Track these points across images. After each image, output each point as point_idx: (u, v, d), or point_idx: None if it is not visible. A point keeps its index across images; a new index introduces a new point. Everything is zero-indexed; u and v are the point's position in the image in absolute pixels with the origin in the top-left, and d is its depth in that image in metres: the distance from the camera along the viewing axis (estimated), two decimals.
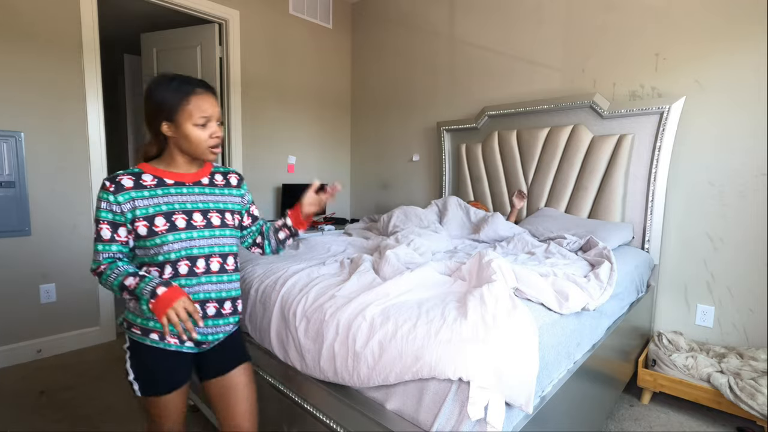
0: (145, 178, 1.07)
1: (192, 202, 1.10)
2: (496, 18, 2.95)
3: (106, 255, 1.04)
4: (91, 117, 2.58)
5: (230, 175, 1.24)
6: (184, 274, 1.07)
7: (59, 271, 2.53)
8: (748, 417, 1.76)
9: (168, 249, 1.04)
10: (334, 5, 3.89)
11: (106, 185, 1.02)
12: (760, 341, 2.04)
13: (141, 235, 1.04)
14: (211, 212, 1.12)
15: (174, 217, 1.06)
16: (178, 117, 1.04)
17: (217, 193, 1.17)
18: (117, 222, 1.03)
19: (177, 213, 1.06)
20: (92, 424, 1.84)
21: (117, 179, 1.04)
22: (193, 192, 1.12)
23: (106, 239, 1.04)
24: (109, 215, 1.02)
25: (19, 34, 2.31)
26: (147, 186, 1.06)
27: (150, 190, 1.06)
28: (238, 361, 1.19)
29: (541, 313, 1.21)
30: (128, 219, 1.03)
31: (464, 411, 0.87)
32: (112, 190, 1.02)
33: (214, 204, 1.14)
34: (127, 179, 1.05)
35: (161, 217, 1.04)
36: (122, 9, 3.36)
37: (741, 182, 2.06)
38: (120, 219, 1.03)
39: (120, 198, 1.02)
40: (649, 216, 2.28)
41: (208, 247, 1.10)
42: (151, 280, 1.00)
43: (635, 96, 2.35)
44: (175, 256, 1.05)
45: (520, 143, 2.75)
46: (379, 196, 3.95)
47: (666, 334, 2.16)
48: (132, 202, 1.03)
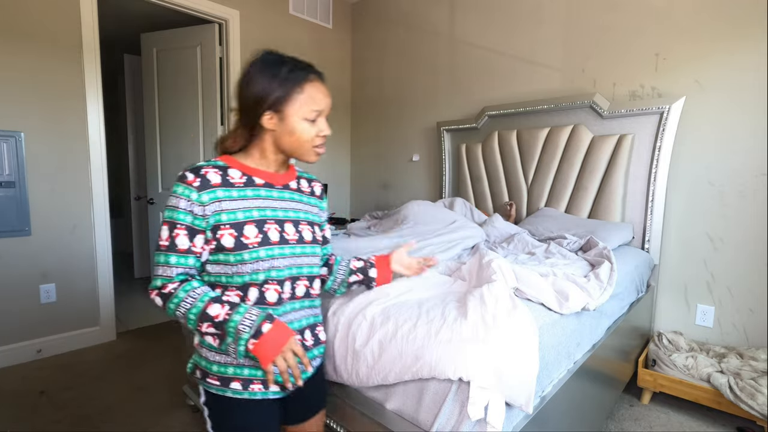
0: (232, 175, 0.87)
1: (284, 210, 0.91)
2: (497, 18, 2.95)
3: (180, 270, 0.82)
4: (91, 117, 2.58)
5: (314, 183, 1.04)
6: (272, 302, 0.87)
7: (59, 271, 2.53)
8: (748, 417, 1.76)
9: (255, 268, 0.84)
10: (334, 5, 3.89)
11: (189, 178, 0.82)
12: (760, 341, 2.04)
13: (225, 246, 0.82)
14: (303, 224, 0.94)
15: (266, 227, 0.86)
16: (287, 108, 0.85)
17: (304, 201, 0.98)
18: (196, 227, 0.82)
19: (269, 222, 0.87)
20: (92, 424, 1.84)
21: (202, 171, 0.84)
22: (284, 197, 0.92)
23: (182, 249, 0.81)
24: (188, 218, 0.81)
25: (20, 34, 2.31)
26: (235, 184, 0.86)
27: (239, 190, 0.86)
28: (318, 406, 1.04)
29: (541, 313, 1.21)
30: (210, 225, 0.82)
31: (464, 411, 0.87)
32: (197, 186, 0.82)
33: (305, 214, 0.96)
34: (213, 173, 0.85)
35: (252, 226, 0.84)
36: (122, 9, 3.36)
37: (741, 182, 2.06)
38: (200, 224, 0.82)
39: (205, 197, 0.82)
40: (649, 216, 2.28)
41: (297, 267, 0.91)
42: (246, 310, 0.80)
43: (635, 96, 2.35)
44: (264, 277, 0.85)
45: (520, 143, 2.75)
46: (379, 196, 3.95)
47: (666, 334, 2.16)
48: (218, 204, 0.83)
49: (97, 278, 2.68)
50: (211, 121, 3.23)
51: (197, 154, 3.30)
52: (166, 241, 0.82)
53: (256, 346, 0.77)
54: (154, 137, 3.46)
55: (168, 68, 3.34)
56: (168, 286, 0.82)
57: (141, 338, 2.80)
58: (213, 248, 0.84)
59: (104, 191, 2.68)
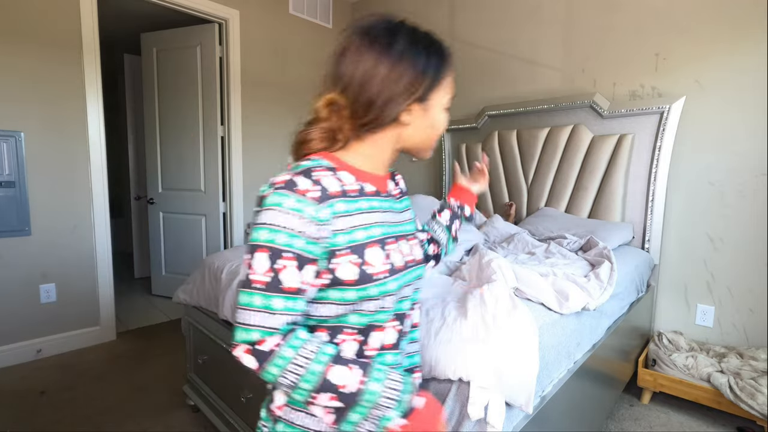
0: (345, 180, 0.64)
1: (396, 224, 0.70)
2: (497, 18, 2.95)
3: (288, 319, 0.57)
4: (91, 117, 2.58)
5: (397, 177, 0.82)
6: (389, 345, 0.67)
7: (59, 271, 2.53)
8: (748, 417, 1.76)
9: (381, 305, 0.63)
10: (334, 5, 3.89)
11: (301, 185, 0.57)
12: (760, 341, 2.03)
13: (343, 280, 0.60)
14: (413, 240, 0.73)
15: (388, 250, 0.65)
16: (433, 97, 0.68)
17: (403, 210, 0.76)
18: (307, 256, 0.57)
19: (390, 241, 0.66)
20: (92, 424, 1.84)
21: (314, 176, 0.60)
22: (393, 208, 0.72)
23: (290, 288, 0.56)
24: (299, 243, 0.56)
25: (20, 35, 2.31)
26: (349, 194, 0.63)
27: (353, 201, 0.63)
28: None
29: (541, 313, 1.21)
30: (326, 251, 0.59)
31: (464, 411, 0.87)
32: (316, 197, 0.58)
33: (411, 226, 0.76)
34: (330, 178, 0.61)
35: (377, 249, 0.63)
36: (122, 9, 3.36)
37: (741, 182, 2.06)
38: (314, 251, 0.58)
39: (324, 212, 0.58)
40: (649, 216, 2.28)
41: (414, 293, 0.74)
42: (385, 375, 0.59)
43: (635, 96, 2.35)
44: (386, 317, 0.65)
45: (520, 143, 2.75)
46: None
47: (666, 334, 2.16)
48: (335, 221, 0.59)
49: (97, 278, 2.68)
50: (211, 121, 3.23)
51: (197, 154, 3.30)
52: (266, 275, 0.56)
53: (406, 428, 0.57)
54: (154, 137, 3.46)
55: (168, 68, 3.34)
56: (268, 341, 0.56)
57: (141, 338, 2.80)
58: (326, 283, 0.60)
59: (104, 191, 2.68)
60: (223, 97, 3.23)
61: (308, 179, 0.59)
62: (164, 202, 3.50)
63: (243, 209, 3.41)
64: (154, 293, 3.68)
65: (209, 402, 1.77)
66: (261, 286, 0.56)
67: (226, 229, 3.39)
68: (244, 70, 3.28)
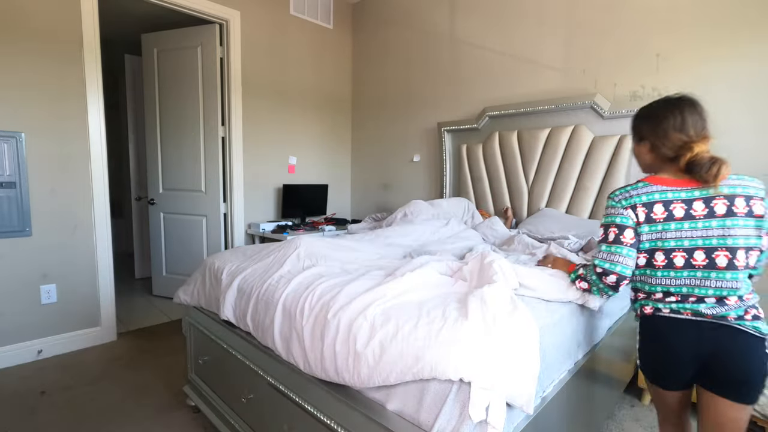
0: None
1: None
2: (497, 18, 2.95)
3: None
4: (92, 117, 2.58)
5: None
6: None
7: (60, 271, 2.53)
8: None
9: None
10: (335, 6, 3.89)
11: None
12: None
13: None
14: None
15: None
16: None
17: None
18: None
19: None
20: (92, 424, 1.84)
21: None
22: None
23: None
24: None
25: (20, 35, 2.31)
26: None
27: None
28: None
29: (542, 314, 1.21)
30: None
31: (465, 412, 0.87)
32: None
33: None
34: None
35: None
36: (123, 9, 3.36)
37: None
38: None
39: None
40: None
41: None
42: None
43: (636, 96, 2.35)
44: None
45: (521, 144, 2.75)
46: (380, 197, 3.96)
47: None
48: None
49: (97, 279, 2.68)
50: (212, 121, 3.23)
51: (198, 154, 3.30)
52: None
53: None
54: (154, 138, 3.47)
55: (169, 68, 3.35)
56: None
57: (142, 339, 2.80)
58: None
59: (105, 192, 2.69)
60: (223, 97, 3.24)
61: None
62: (165, 202, 3.50)
63: (243, 210, 3.41)
64: (155, 294, 3.68)
65: (210, 402, 1.77)
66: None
67: (227, 230, 3.39)
68: (245, 71, 3.29)
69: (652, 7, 2.26)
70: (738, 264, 1.03)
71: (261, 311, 1.45)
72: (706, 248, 1.05)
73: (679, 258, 1.08)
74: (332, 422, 1.16)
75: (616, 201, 1.16)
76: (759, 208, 1.04)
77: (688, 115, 1.14)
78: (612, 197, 1.18)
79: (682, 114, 1.14)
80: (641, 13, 2.30)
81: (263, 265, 1.65)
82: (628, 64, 2.37)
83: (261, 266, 1.64)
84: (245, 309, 1.52)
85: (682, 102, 1.17)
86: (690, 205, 1.07)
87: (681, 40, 2.18)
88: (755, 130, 2.01)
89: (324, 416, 1.18)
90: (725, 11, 2.05)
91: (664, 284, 1.11)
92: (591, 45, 2.51)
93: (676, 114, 1.15)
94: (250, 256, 1.80)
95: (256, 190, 3.49)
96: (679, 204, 1.08)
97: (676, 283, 1.09)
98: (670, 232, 1.08)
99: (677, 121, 1.14)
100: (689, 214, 1.07)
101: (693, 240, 1.06)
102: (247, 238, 3.46)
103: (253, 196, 3.47)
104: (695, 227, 1.06)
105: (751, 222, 1.04)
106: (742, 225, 1.04)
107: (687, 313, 1.09)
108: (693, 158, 1.07)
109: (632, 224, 1.12)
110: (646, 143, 1.20)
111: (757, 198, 1.05)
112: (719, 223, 1.05)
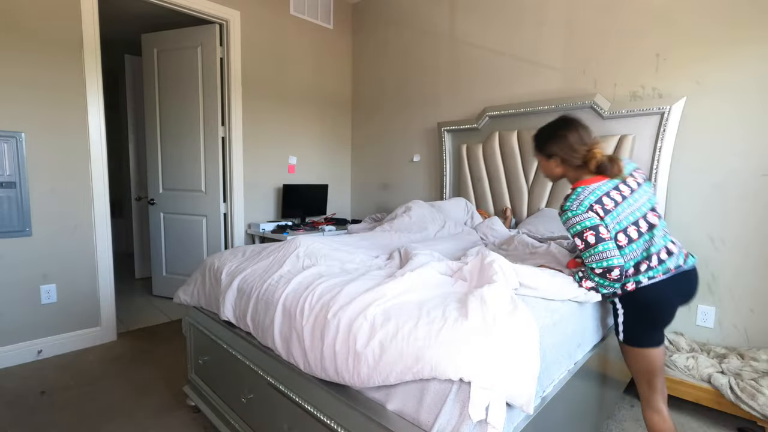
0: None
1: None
2: (497, 18, 2.95)
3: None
4: (92, 117, 2.58)
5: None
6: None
7: (60, 271, 2.53)
8: (749, 417, 1.76)
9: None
10: (335, 6, 3.89)
11: None
12: (761, 342, 2.03)
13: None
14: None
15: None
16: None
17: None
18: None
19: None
20: (92, 424, 1.84)
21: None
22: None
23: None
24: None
25: (20, 35, 2.31)
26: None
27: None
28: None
29: (542, 314, 1.21)
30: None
31: (465, 411, 0.87)
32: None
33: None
34: None
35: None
36: (122, 9, 3.36)
37: (742, 183, 2.05)
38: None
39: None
40: None
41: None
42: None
43: (636, 96, 2.35)
44: None
45: (521, 143, 2.75)
46: (380, 197, 3.96)
47: (667, 335, 2.16)
48: None
49: (97, 279, 2.68)
50: (212, 121, 3.23)
51: (198, 154, 3.30)
52: None
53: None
54: (154, 138, 3.47)
55: (169, 69, 3.35)
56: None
57: (141, 339, 2.80)
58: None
59: (105, 192, 2.69)
60: (223, 97, 3.24)
61: None
62: (165, 202, 3.50)
63: (243, 210, 3.41)
64: (155, 294, 3.68)
65: (210, 402, 1.77)
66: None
67: (227, 230, 3.39)
68: (245, 71, 3.29)
69: (651, 7, 2.26)
70: (660, 216, 1.37)
71: (261, 311, 1.45)
72: (642, 215, 1.34)
73: (633, 231, 1.32)
74: (332, 422, 1.16)
75: (574, 210, 1.32)
76: (641, 174, 1.42)
77: (582, 131, 1.42)
78: (566, 210, 1.34)
79: (578, 131, 1.42)
80: (641, 13, 2.30)
81: (263, 265, 1.65)
82: (628, 64, 2.37)
83: (261, 266, 1.64)
84: (245, 309, 1.52)
85: (574, 121, 1.44)
86: (619, 190, 1.34)
87: (681, 40, 2.18)
88: (754, 130, 2.01)
89: (324, 416, 1.18)
90: (725, 11, 2.05)
91: (632, 257, 1.32)
92: (591, 45, 2.51)
93: (573, 132, 1.42)
94: (249, 256, 1.80)
95: (256, 190, 3.49)
96: (613, 192, 1.33)
97: (639, 252, 1.32)
98: (622, 215, 1.31)
99: (577, 136, 1.41)
100: (623, 196, 1.33)
101: (633, 213, 1.33)
102: (247, 238, 3.46)
103: (253, 196, 3.47)
104: (631, 204, 1.33)
105: (648, 185, 1.40)
106: (646, 189, 1.38)
107: (660, 276, 1.32)
108: (599, 162, 1.36)
109: (599, 221, 1.30)
110: (556, 158, 1.46)
111: (638, 170, 1.42)
112: (638, 194, 1.36)
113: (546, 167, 1.53)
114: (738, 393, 1.75)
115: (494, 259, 1.30)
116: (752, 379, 1.79)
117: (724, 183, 2.11)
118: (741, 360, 1.94)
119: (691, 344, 2.13)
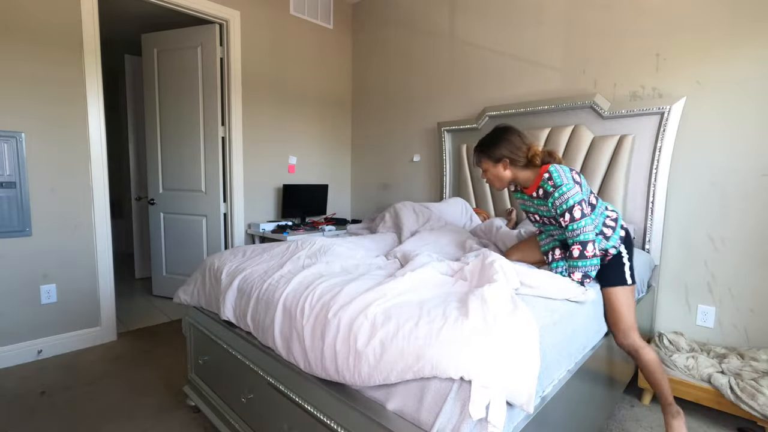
0: None
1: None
2: (497, 18, 2.95)
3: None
4: (92, 117, 2.58)
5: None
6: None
7: (60, 271, 2.53)
8: (749, 417, 1.76)
9: None
10: (335, 6, 3.89)
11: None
12: (761, 341, 2.03)
13: None
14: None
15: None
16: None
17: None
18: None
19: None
20: (92, 424, 1.84)
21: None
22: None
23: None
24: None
25: (20, 35, 2.31)
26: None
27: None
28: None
29: (542, 313, 1.21)
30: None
31: (465, 410, 0.87)
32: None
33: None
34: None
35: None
36: (122, 9, 3.36)
37: (742, 183, 2.06)
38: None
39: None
40: (649, 216, 2.28)
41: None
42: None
43: (636, 96, 2.36)
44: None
45: None
46: (380, 197, 3.96)
47: (667, 335, 2.16)
48: None
49: (97, 279, 2.68)
50: (212, 121, 3.23)
51: (198, 154, 3.30)
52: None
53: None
54: (154, 138, 3.47)
55: (169, 69, 3.35)
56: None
57: (141, 339, 2.80)
58: None
59: (105, 191, 2.69)
60: (223, 97, 3.24)
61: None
62: (165, 202, 3.50)
63: (243, 210, 3.41)
64: (155, 294, 3.68)
65: (210, 402, 1.77)
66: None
67: (227, 230, 3.39)
68: (245, 71, 3.29)
69: (651, 7, 2.27)
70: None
71: (261, 311, 1.45)
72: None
73: (593, 198, 1.57)
74: (332, 422, 1.16)
75: (568, 184, 1.45)
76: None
77: (520, 133, 1.63)
78: (560, 185, 1.45)
79: (517, 133, 1.62)
80: (641, 13, 2.30)
81: (263, 264, 1.65)
82: (628, 64, 2.37)
83: (261, 266, 1.64)
84: (245, 309, 1.52)
85: (511, 127, 1.66)
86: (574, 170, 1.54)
87: (681, 39, 2.18)
88: (754, 130, 2.01)
89: (324, 416, 1.18)
90: (725, 11, 2.05)
91: (596, 224, 1.54)
92: (591, 45, 2.51)
93: (515, 134, 1.61)
94: (249, 256, 1.80)
95: (256, 190, 3.49)
96: (572, 172, 1.51)
97: (599, 221, 1.57)
98: (584, 186, 1.52)
99: (518, 137, 1.61)
100: (579, 174, 1.54)
101: (588, 187, 1.58)
102: (247, 238, 3.46)
103: (253, 196, 3.47)
104: (585, 180, 1.58)
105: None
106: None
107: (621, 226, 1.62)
108: (541, 157, 1.58)
109: (582, 195, 1.47)
110: (504, 161, 1.61)
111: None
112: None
113: (494, 173, 1.65)
114: (738, 393, 1.75)
115: (495, 259, 1.30)
116: (752, 379, 1.79)
117: (724, 183, 2.11)
118: (741, 360, 1.94)
119: (691, 344, 2.13)
